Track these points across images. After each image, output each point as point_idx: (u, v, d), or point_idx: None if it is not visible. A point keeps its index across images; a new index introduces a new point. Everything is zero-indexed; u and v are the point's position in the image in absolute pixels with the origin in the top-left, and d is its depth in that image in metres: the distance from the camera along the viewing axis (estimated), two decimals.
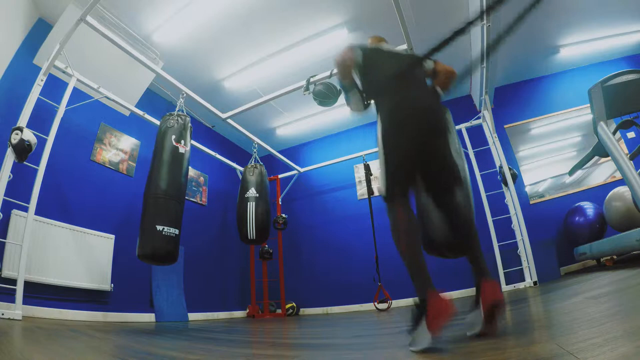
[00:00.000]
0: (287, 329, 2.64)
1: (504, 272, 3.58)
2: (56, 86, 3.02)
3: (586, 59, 4.62)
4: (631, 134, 4.09)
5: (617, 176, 4.14)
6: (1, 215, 2.35)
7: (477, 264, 1.28)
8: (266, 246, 5.01)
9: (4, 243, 2.50)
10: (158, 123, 3.18)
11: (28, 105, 2.66)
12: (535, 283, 3.32)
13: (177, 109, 3.19)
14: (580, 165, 2.94)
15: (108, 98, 3.32)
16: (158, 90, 4.46)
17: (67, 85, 3.01)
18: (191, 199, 4.69)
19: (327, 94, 3.31)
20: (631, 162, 2.00)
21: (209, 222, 4.97)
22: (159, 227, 2.62)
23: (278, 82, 4.16)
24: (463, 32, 1.22)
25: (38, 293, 2.69)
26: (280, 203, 5.44)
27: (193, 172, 4.85)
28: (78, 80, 3.05)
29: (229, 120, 4.08)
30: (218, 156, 4.84)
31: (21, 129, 2.48)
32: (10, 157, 2.46)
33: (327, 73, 3.33)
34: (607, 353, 0.63)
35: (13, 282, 2.35)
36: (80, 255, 3.09)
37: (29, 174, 2.64)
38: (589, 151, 2.59)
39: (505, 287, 3.50)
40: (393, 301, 4.19)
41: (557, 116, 4.66)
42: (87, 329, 2.24)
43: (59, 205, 3.13)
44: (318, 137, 6.05)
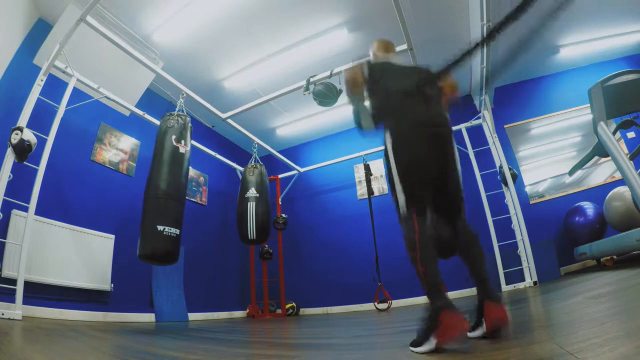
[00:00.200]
0: (287, 329, 2.64)
1: (504, 272, 3.58)
2: (56, 86, 3.02)
3: (586, 59, 4.62)
4: (631, 134, 4.09)
5: (617, 176, 4.14)
6: (1, 215, 2.35)
7: (482, 283, 1.22)
8: (266, 246, 5.01)
9: (4, 243, 2.50)
10: (158, 123, 3.18)
11: (28, 105, 2.66)
12: (535, 283, 3.32)
13: (177, 109, 3.19)
14: (580, 165, 2.94)
15: (108, 98, 3.32)
16: (158, 90, 4.46)
17: (67, 85, 3.01)
18: (191, 199, 4.69)
19: (327, 94, 3.31)
20: (631, 162, 2.00)
21: (209, 222, 4.97)
22: (160, 227, 2.62)
23: (278, 82, 4.16)
24: (475, 52, 1.20)
25: (38, 293, 2.68)
26: (280, 203, 5.44)
27: (193, 172, 4.84)
28: (78, 80, 3.05)
29: (229, 120, 4.09)
30: (218, 156, 4.84)
31: (21, 129, 2.48)
32: (10, 157, 2.46)
33: (327, 73, 3.33)
34: (607, 353, 0.63)
35: (13, 282, 2.35)
36: (80, 255, 3.09)
37: (29, 174, 2.63)
38: (589, 151, 2.59)
39: (505, 287, 3.50)
40: (393, 301, 4.19)
41: (557, 116, 4.66)
42: (87, 329, 2.24)
43: (59, 205, 3.13)
44: (318, 137, 6.05)
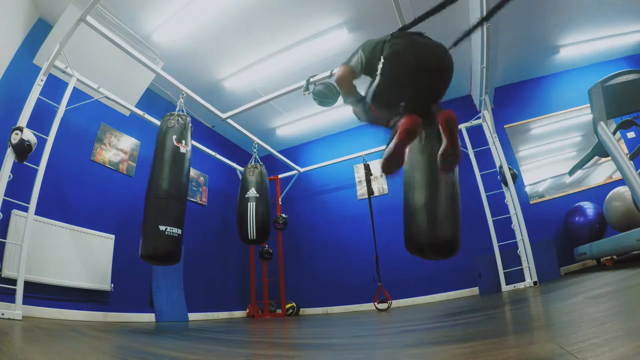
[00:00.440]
0: (287, 329, 2.64)
1: (504, 272, 3.58)
2: (56, 86, 3.02)
3: (586, 59, 4.62)
4: (631, 134, 4.09)
5: (615, 177, 4.14)
6: (1, 215, 2.35)
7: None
8: (266, 246, 5.01)
9: (4, 243, 2.50)
10: (158, 123, 3.18)
11: (28, 105, 2.65)
12: (535, 283, 3.32)
13: (178, 109, 3.19)
14: (580, 165, 2.94)
15: (108, 98, 3.32)
16: (158, 90, 4.46)
17: (67, 85, 3.01)
18: (191, 199, 4.69)
19: (327, 94, 3.31)
20: (631, 162, 2.00)
21: (209, 222, 4.97)
22: (162, 227, 2.62)
23: (278, 82, 4.16)
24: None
25: (38, 293, 2.69)
26: (280, 203, 5.44)
27: (193, 172, 4.84)
28: (78, 80, 3.05)
29: (229, 120, 4.09)
30: (218, 156, 4.84)
31: (21, 129, 2.48)
32: (10, 157, 2.46)
33: (327, 73, 3.32)
34: (607, 353, 0.63)
35: (13, 282, 2.36)
36: (80, 255, 3.09)
37: (29, 174, 2.63)
38: (589, 151, 2.59)
39: (505, 287, 3.50)
40: (393, 301, 4.19)
41: (557, 116, 4.66)
42: (87, 329, 2.24)
43: (59, 205, 3.13)
44: (318, 137, 6.05)
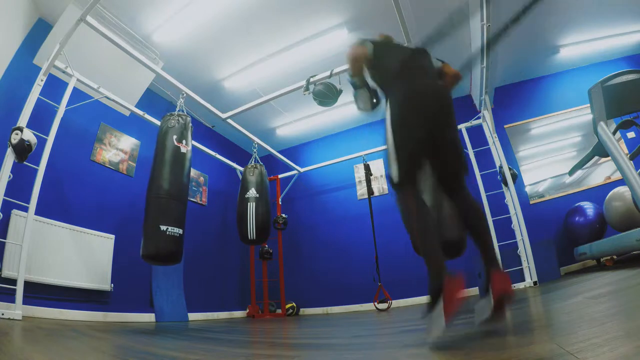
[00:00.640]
0: (287, 329, 2.64)
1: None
2: (56, 86, 3.02)
3: (586, 59, 4.62)
4: (631, 134, 4.09)
5: (613, 178, 4.14)
6: (1, 215, 2.35)
7: (487, 253, 1.29)
8: (266, 246, 5.01)
9: (4, 243, 2.50)
10: (158, 123, 3.18)
11: (28, 105, 2.65)
12: (535, 283, 3.32)
13: (178, 109, 3.19)
14: (580, 165, 2.94)
15: (108, 98, 3.32)
16: (158, 90, 4.46)
17: (67, 85, 3.01)
18: (191, 199, 4.69)
19: (327, 94, 3.31)
20: (631, 162, 2.00)
21: (209, 222, 4.97)
22: (163, 227, 2.62)
23: (278, 82, 4.16)
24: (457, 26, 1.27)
25: (38, 293, 2.69)
26: (280, 203, 5.43)
27: (193, 172, 4.84)
28: (78, 80, 3.05)
29: (229, 120, 4.09)
30: (218, 156, 4.84)
31: (21, 129, 2.48)
32: (10, 157, 2.46)
33: (327, 73, 3.33)
34: (607, 353, 0.63)
35: (13, 282, 2.35)
36: (80, 255, 3.09)
37: (29, 174, 2.63)
38: (589, 151, 2.59)
39: None
40: (393, 301, 4.19)
41: (557, 116, 4.66)
42: (87, 329, 2.24)
43: (59, 205, 3.13)
44: (318, 137, 6.05)
